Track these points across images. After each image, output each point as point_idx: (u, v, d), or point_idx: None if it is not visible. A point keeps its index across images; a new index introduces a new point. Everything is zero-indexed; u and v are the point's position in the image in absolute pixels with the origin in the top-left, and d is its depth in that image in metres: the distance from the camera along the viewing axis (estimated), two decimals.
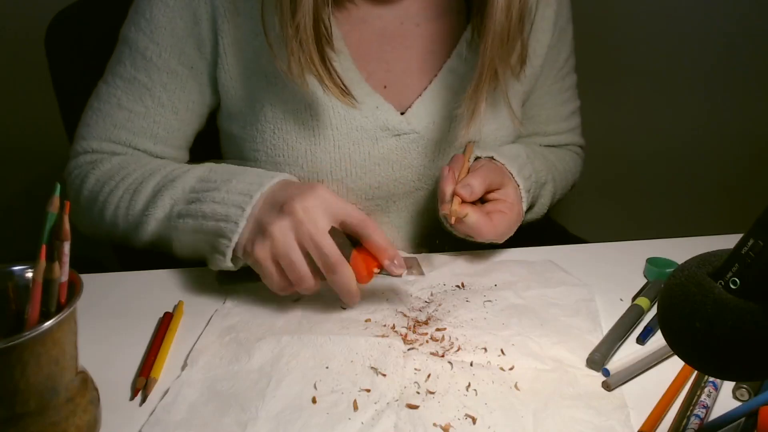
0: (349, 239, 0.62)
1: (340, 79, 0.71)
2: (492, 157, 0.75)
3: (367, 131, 0.77)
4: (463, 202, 0.67)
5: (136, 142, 0.78)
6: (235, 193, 0.64)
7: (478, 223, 0.67)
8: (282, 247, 0.59)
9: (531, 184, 0.78)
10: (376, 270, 0.62)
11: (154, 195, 0.70)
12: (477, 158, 0.76)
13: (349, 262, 0.59)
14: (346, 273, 0.59)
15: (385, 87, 0.79)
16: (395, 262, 0.61)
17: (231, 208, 0.63)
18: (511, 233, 0.72)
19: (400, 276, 0.62)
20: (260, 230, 0.61)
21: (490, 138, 0.81)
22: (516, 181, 0.74)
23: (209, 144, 0.84)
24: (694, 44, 1.58)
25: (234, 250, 0.63)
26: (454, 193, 0.67)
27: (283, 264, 0.60)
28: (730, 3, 1.54)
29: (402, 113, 0.78)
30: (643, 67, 1.59)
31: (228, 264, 0.64)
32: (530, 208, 0.83)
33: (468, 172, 0.71)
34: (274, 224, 0.59)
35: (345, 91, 0.71)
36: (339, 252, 0.59)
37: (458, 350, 0.57)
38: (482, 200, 0.72)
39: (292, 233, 0.59)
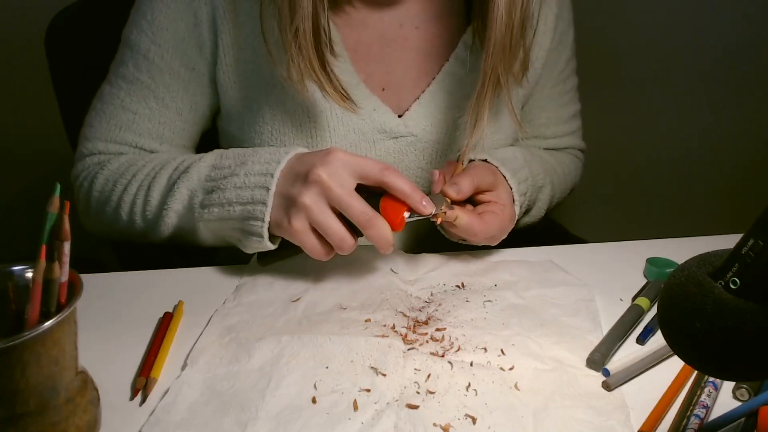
0: (375, 191, 0.63)
1: (340, 85, 0.71)
2: (485, 160, 0.75)
3: (364, 134, 0.77)
4: (453, 203, 0.67)
5: (142, 143, 0.78)
6: (255, 174, 0.64)
7: (469, 223, 0.67)
8: (317, 214, 0.60)
9: (527, 187, 0.78)
10: (406, 214, 0.63)
11: (169, 187, 0.70)
12: (471, 161, 0.76)
13: (379, 212, 0.61)
14: (381, 225, 0.61)
15: (383, 89, 0.79)
16: (423, 202, 0.62)
17: (255, 190, 0.64)
18: (504, 235, 0.72)
19: (430, 215, 0.63)
20: (291, 203, 0.62)
21: (488, 141, 0.80)
22: (509, 184, 0.73)
23: (210, 143, 0.85)
24: (693, 47, 1.58)
25: (269, 229, 0.64)
26: (442, 194, 0.67)
27: (321, 230, 0.61)
28: (730, 7, 1.54)
29: (400, 116, 0.78)
30: (642, 70, 1.59)
31: (267, 244, 0.65)
32: (527, 211, 0.83)
33: None
34: (304, 194, 0.60)
35: (345, 96, 0.71)
36: (371, 207, 0.61)
37: (458, 350, 0.57)
38: (475, 203, 0.72)
39: (324, 199, 0.61)
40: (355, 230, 0.62)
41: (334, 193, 0.60)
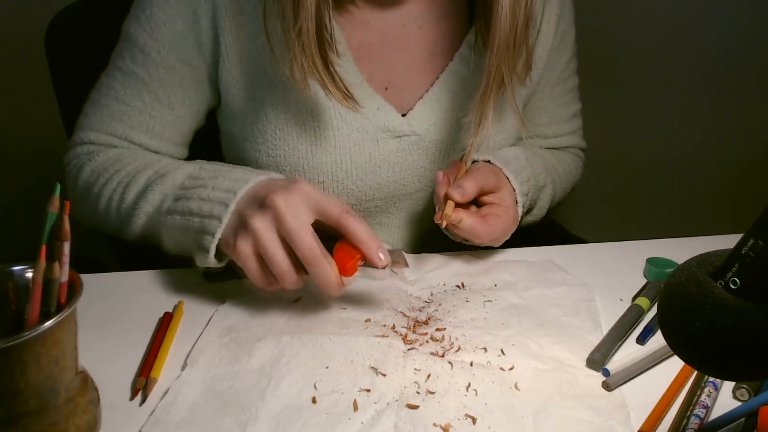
0: (333, 234, 0.61)
1: (343, 84, 0.71)
2: (489, 161, 0.75)
3: (368, 133, 0.77)
4: (457, 206, 0.67)
5: (133, 136, 0.78)
6: (221, 189, 0.63)
7: (473, 226, 0.67)
8: (264, 240, 0.58)
9: (529, 187, 0.78)
10: (360, 263, 0.60)
11: (145, 189, 0.71)
12: (474, 162, 0.76)
13: (332, 255, 0.59)
14: (326, 266, 0.58)
15: (386, 89, 0.79)
16: (379, 254, 0.59)
17: (215, 204, 0.62)
18: (507, 237, 0.72)
19: (383, 268, 0.60)
20: (242, 224, 0.60)
21: (491, 141, 0.80)
22: (512, 185, 0.74)
23: (210, 144, 0.84)
24: (693, 47, 1.58)
25: (219, 247, 0.62)
26: (446, 196, 0.67)
27: (265, 258, 0.59)
28: (729, 7, 1.54)
29: (403, 115, 0.78)
30: (642, 70, 1.59)
31: (212, 260, 0.63)
32: (529, 210, 0.83)
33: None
34: (256, 218, 0.58)
35: (347, 95, 0.71)
36: (320, 245, 0.58)
37: (458, 350, 0.57)
38: (478, 204, 0.72)
39: (274, 227, 0.58)
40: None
41: (286, 224, 0.57)
